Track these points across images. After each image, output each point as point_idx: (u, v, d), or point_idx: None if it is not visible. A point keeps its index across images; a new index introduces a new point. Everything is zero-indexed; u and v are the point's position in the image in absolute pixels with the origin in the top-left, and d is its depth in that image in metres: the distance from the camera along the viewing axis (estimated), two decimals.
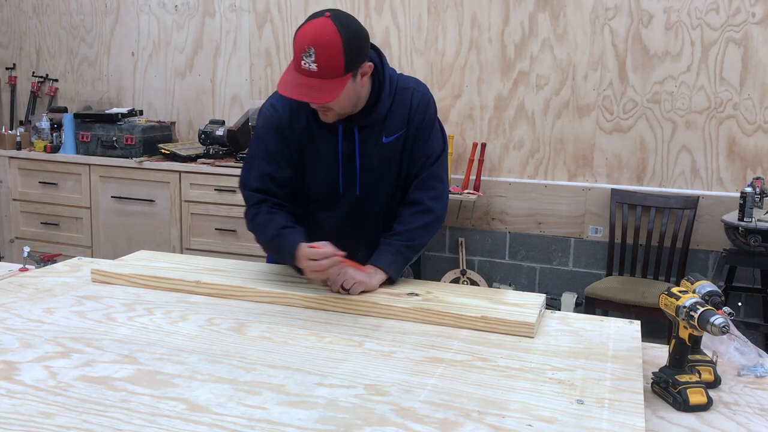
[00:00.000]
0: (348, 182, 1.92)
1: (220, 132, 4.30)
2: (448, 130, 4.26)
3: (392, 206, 1.98)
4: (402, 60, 4.32)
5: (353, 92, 1.76)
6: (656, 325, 3.21)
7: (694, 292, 1.37)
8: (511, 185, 4.19)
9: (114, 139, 4.43)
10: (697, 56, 3.78)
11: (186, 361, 1.38)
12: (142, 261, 2.03)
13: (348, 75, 1.70)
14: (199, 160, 4.27)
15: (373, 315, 1.68)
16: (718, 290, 1.38)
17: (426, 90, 1.96)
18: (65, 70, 5.12)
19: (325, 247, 1.73)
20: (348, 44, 1.66)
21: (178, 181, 4.23)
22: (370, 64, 1.78)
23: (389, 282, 1.84)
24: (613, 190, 3.99)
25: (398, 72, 1.98)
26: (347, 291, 1.75)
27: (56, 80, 5.13)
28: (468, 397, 1.25)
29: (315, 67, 1.66)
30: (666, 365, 1.36)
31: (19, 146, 4.70)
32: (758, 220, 3.29)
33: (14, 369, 1.33)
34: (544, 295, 1.78)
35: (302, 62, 1.67)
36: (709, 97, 3.79)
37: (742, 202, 3.31)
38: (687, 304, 1.30)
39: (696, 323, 1.27)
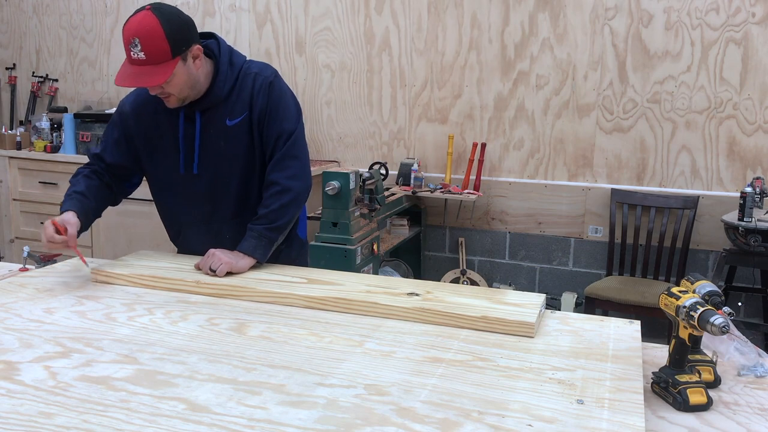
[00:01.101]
0: (188, 164, 2.05)
1: None
2: (449, 130, 4.26)
3: (249, 190, 2.09)
4: (402, 60, 4.32)
5: (187, 75, 1.90)
6: (656, 325, 3.21)
7: (694, 292, 1.37)
8: (511, 185, 4.19)
9: None
10: (697, 56, 3.78)
11: (186, 361, 1.38)
12: (142, 261, 2.03)
13: (176, 58, 1.86)
14: None
15: (373, 315, 1.68)
16: (718, 290, 1.37)
17: (269, 73, 2.07)
18: (65, 70, 5.12)
19: (70, 228, 1.90)
20: (169, 30, 1.83)
21: None
22: (200, 47, 1.92)
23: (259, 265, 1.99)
24: (613, 190, 3.99)
25: (265, 62, 2.16)
26: (215, 272, 1.87)
27: (56, 80, 5.13)
28: (468, 397, 1.25)
29: (143, 56, 1.82)
30: (666, 365, 1.36)
31: (19, 146, 4.70)
32: (758, 220, 3.29)
33: (14, 369, 1.33)
34: (544, 295, 1.78)
35: (131, 53, 1.83)
36: (709, 97, 3.79)
37: (742, 202, 3.31)
38: (687, 304, 1.30)
39: (696, 323, 1.27)
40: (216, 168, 2.06)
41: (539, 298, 1.73)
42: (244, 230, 2.02)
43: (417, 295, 1.74)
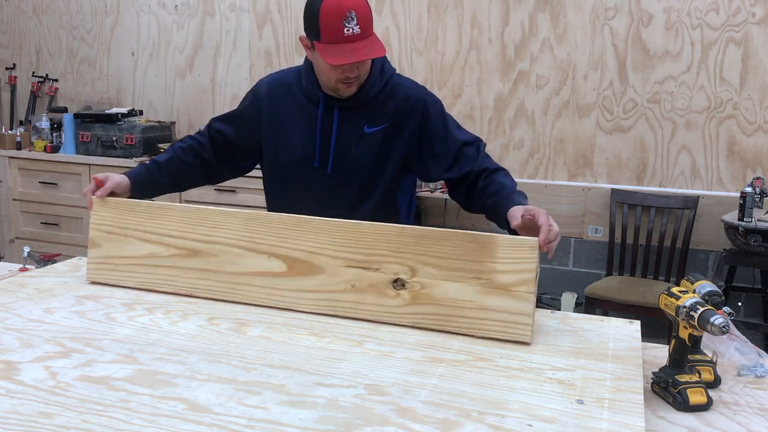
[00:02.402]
0: (322, 158, 1.97)
1: None
2: None
3: (363, 200, 1.99)
4: (402, 60, 4.31)
5: None
6: (656, 325, 3.21)
7: (694, 292, 1.37)
8: None
9: (114, 139, 4.43)
10: (697, 56, 3.78)
11: (186, 361, 1.38)
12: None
13: (374, 33, 1.82)
14: None
15: (368, 320, 1.66)
16: (718, 290, 1.37)
17: (422, 91, 2.02)
18: (65, 70, 5.12)
19: (107, 183, 1.90)
20: (369, 4, 1.81)
21: None
22: None
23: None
24: (613, 190, 3.99)
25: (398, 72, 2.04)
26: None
27: (56, 80, 5.13)
28: (468, 397, 1.25)
29: (359, 30, 1.75)
30: (666, 365, 1.36)
31: (19, 146, 4.70)
32: (758, 220, 3.29)
33: (14, 369, 1.33)
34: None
35: (345, 30, 1.75)
36: (709, 97, 3.79)
37: (742, 202, 3.31)
38: (687, 304, 1.30)
39: (696, 323, 1.27)
40: (336, 170, 1.98)
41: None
42: None
43: (403, 287, 1.62)
